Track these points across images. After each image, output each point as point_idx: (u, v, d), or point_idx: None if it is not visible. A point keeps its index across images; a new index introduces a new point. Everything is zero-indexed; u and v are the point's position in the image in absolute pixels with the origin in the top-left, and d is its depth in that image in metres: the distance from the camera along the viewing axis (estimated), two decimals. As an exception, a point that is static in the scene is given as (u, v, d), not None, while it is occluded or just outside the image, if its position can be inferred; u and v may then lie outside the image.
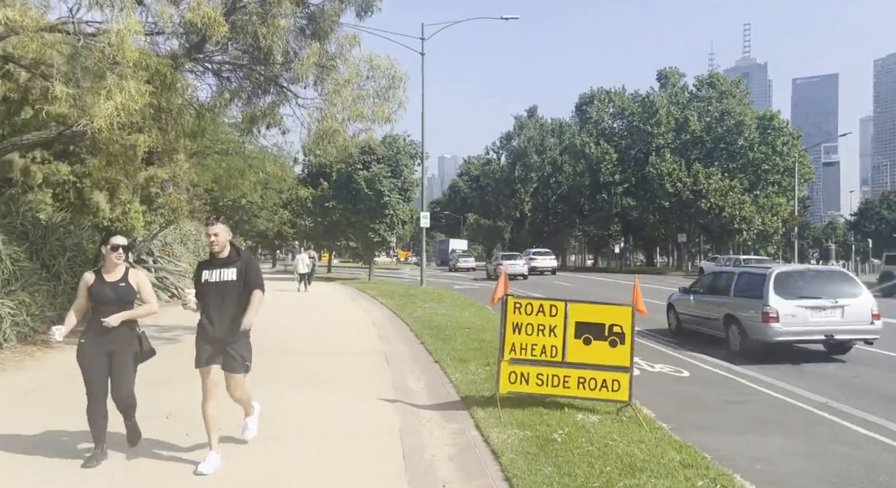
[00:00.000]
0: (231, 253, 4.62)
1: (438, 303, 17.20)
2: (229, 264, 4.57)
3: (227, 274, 4.54)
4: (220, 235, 4.56)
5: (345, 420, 5.71)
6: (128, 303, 4.72)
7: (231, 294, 4.53)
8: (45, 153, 12.89)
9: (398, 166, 29.19)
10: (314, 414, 5.85)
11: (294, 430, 5.41)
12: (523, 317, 6.03)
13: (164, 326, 11.93)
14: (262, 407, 5.98)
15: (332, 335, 11.46)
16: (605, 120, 53.85)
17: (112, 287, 4.68)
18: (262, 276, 4.75)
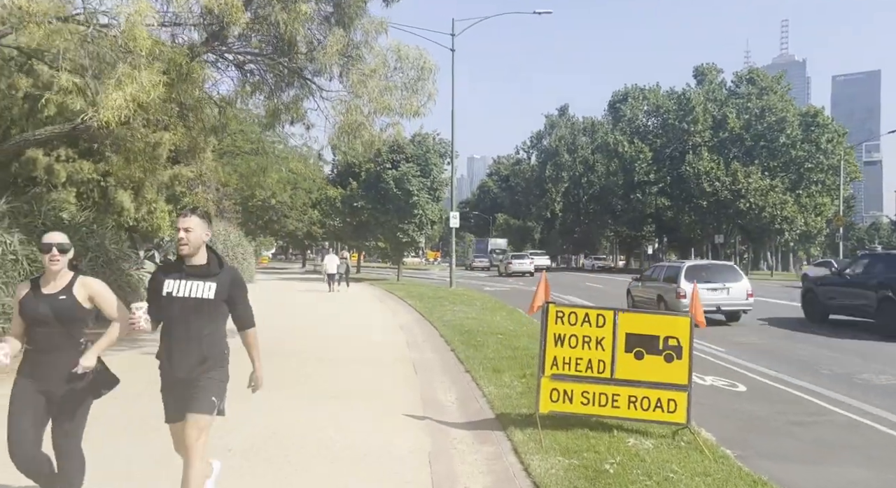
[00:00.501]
0: (210, 260, 3.40)
1: (468, 306, 16.60)
2: (207, 276, 3.34)
3: (201, 288, 3.31)
4: (193, 231, 3.29)
5: (367, 440, 5.14)
6: (71, 322, 3.46)
7: (203, 319, 3.33)
8: (69, 151, 12.69)
9: (427, 165, 28.68)
10: (333, 434, 5.30)
11: (309, 453, 4.86)
12: (567, 327, 5.39)
13: (186, 329, 11.58)
14: (274, 424, 5.46)
15: (356, 340, 10.94)
16: (639, 118, 52.46)
17: (48, 301, 3.38)
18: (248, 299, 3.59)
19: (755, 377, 8.55)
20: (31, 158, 11.83)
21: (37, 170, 11.90)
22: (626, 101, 53.13)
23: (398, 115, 9.22)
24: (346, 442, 5.10)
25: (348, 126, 8.80)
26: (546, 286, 5.56)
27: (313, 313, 15.73)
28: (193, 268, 3.37)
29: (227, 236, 26.02)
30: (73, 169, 12.35)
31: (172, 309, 3.33)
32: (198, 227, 3.35)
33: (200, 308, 3.33)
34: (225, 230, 26.37)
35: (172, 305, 3.33)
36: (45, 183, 12.43)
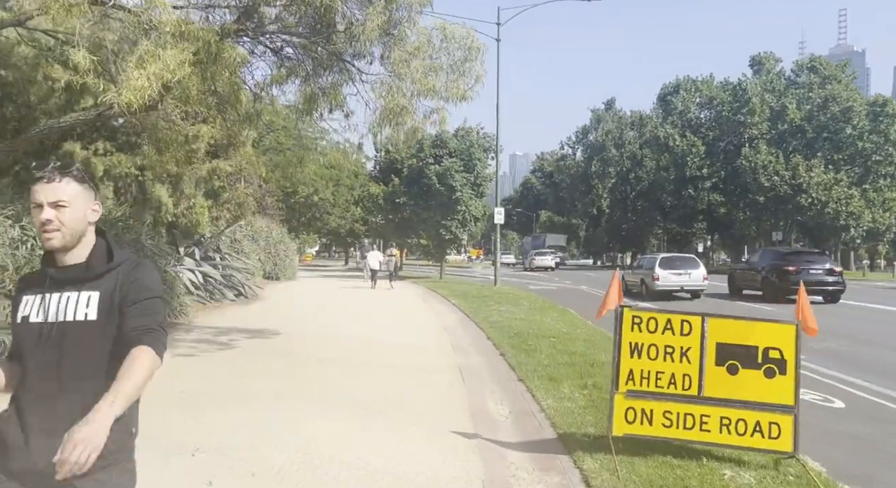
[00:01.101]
0: (95, 253, 1.96)
1: (515, 306, 15.76)
2: (84, 281, 1.90)
3: (74, 303, 1.87)
4: (69, 208, 1.88)
5: (410, 465, 4.42)
6: None
7: (82, 358, 1.85)
8: (107, 145, 12.43)
9: (471, 160, 27.89)
10: (367, 456, 4.59)
11: (341, 480, 4.16)
12: (645, 335, 4.54)
13: (222, 329, 11.12)
14: (303, 443, 4.78)
15: (397, 342, 10.27)
16: (691, 110, 50.31)
17: None
18: (162, 309, 2.01)
19: (850, 390, 7.48)
20: (68, 152, 11.59)
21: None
22: (678, 94, 51.05)
23: (443, 99, 8.48)
24: (385, 466, 4.38)
25: (390, 111, 8.11)
26: (619, 287, 4.72)
27: (354, 312, 15.17)
28: (65, 271, 1.92)
29: (269, 233, 25.84)
30: (111, 162, 12.07)
31: (27, 343, 1.88)
32: (75, 201, 1.90)
33: (76, 339, 1.85)
34: (267, 227, 26.18)
35: (27, 337, 1.88)
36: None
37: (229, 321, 12.35)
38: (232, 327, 11.36)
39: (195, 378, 7.05)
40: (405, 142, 8.68)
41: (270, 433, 5.03)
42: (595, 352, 9.01)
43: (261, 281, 22.83)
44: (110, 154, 12.27)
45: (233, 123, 9.42)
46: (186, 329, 11.04)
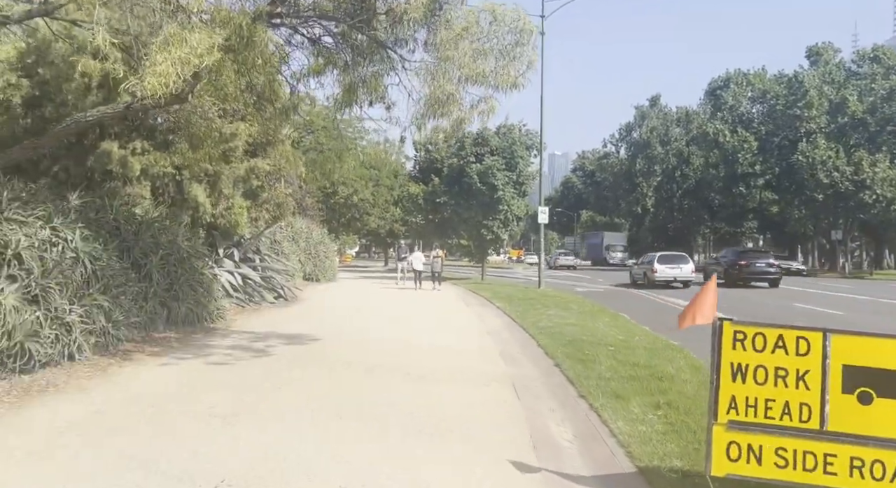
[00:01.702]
0: None
1: (564, 310, 14.94)
2: None
3: None
4: None
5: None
6: None
7: None
8: (145, 144, 12.12)
9: (513, 158, 27.08)
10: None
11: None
12: (750, 354, 3.75)
13: (259, 334, 10.65)
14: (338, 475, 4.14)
15: (440, 348, 9.60)
16: (742, 105, 48.15)
17: None
18: None
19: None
20: (105, 151, 11.32)
21: (111, 164, 11.37)
22: (728, 88, 48.94)
23: (492, 87, 7.78)
24: (439, 508, 3.71)
25: (435, 101, 7.45)
26: (715, 296, 3.93)
27: (394, 315, 14.59)
28: None
29: (309, 234, 25.56)
30: (148, 161, 11.75)
31: None
32: None
33: None
34: (307, 227, 25.92)
35: None
36: (120, 177, 11.94)
37: (267, 325, 11.91)
38: (269, 332, 10.89)
39: (227, 390, 6.53)
40: (450, 135, 8.01)
41: (304, 459, 4.42)
42: (660, 362, 8.18)
43: (300, 282, 22.52)
44: (147, 153, 11.96)
45: (270, 118, 8.91)
46: (223, 334, 10.61)
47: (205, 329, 10.96)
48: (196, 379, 7.09)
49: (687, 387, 6.78)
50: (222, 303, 12.37)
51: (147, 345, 9.08)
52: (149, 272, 10.23)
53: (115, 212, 10.41)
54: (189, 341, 9.72)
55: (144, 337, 9.69)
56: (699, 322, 3.82)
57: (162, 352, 8.73)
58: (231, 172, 13.26)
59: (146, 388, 6.63)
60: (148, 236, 10.62)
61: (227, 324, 11.72)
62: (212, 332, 10.72)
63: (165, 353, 8.62)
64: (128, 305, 9.17)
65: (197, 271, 11.35)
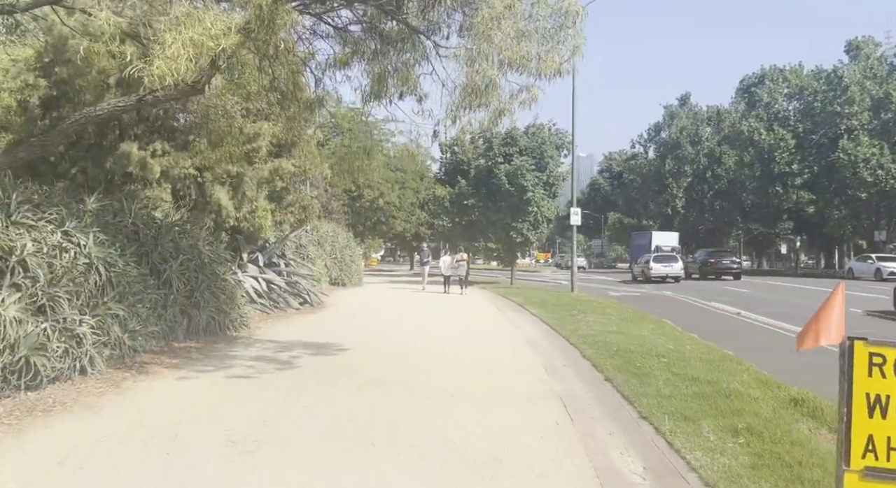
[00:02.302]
0: None
1: (603, 316, 14.14)
2: None
3: None
4: None
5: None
6: None
7: None
8: (165, 145, 11.67)
9: (543, 158, 26.29)
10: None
11: None
12: (892, 383, 2.99)
13: (284, 343, 10.08)
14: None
15: (477, 360, 8.90)
16: (778, 102, 46.47)
17: None
18: None
19: None
20: (125, 152, 10.89)
21: (131, 166, 10.94)
22: (763, 84, 47.29)
23: (534, 74, 7.09)
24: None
25: (473, 88, 6.78)
26: (841, 311, 3.17)
27: (424, 322, 13.95)
28: None
29: (335, 237, 25.10)
30: (168, 163, 11.30)
31: None
32: None
33: None
34: (333, 231, 25.47)
35: None
36: (140, 179, 11.51)
37: (292, 333, 11.35)
38: (295, 341, 10.32)
39: (247, 410, 5.92)
40: (488, 129, 7.32)
41: None
42: (722, 376, 7.39)
43: (326, 287, 22.04)
44: (168, 154, 11.51)
45: (294, 115, 8.34)
46: (246, 343, 10.06)
47: (227, 338, 10.44)
48: (215, 397, 6.51)
49: (762, 408, 5.99)
50: (246, 310, 11.85)
51: (166, 356, 8.56)
52: (168, 278, 9.73)
53: (133, 215, 9.94)
54: (210, 351, 9.18)
55: (163, 347, 9.18)
56: (824, 343, 3.07)
57: (181, 363, 8.19)
58: (254, 174, 12.77)
59: (160, 407, 6.07)
60: (168, 241, 10.13)
61: (250, 333, 11.18)
62: (234, 342, 10.18)
63: (184, 365, 8.07)
64: (145, 314, 8.66)
65: (219, 277, 10.84)
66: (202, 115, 8.61)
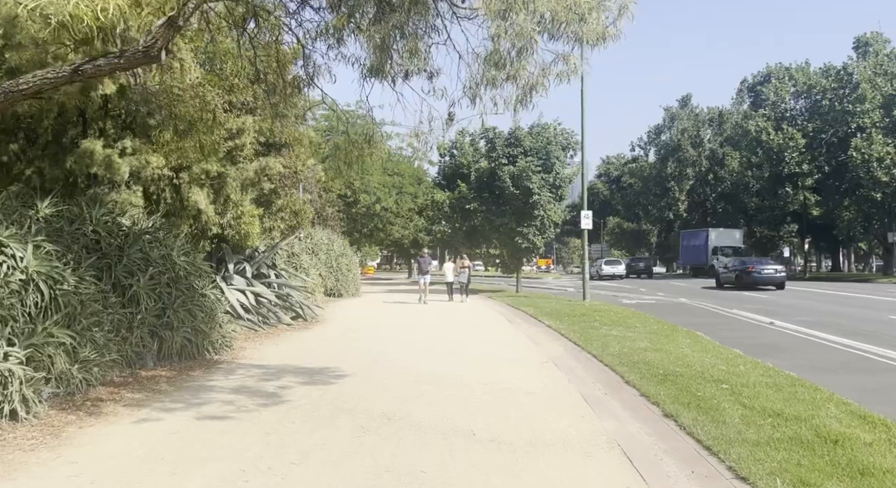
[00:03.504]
0: None
1: (628, 329, 12.76)
2: None
3: None
4: None
5: None
6: None
7: None
8: (136, 142, 10.27)
9: (549, 159, 24.97)
10: None
11: None
12: None
13: (272, 368, 8.65)
14: None
15: (501, 391, 7.49)
16: (785, 100, 45.23)
17: None
18: None
19: None
20: (87, 151, 9.48)
21: (94, 166, 9.53)
22: (770, 82, 46.10)
23: (572, 41, 5.73)
24: None
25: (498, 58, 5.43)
26: None
27: (432, 338, 12.54)
28: None
29: (330, 245, 23.70)
30: (139, 163, 9.90)
31: None
32: None
33: None
34: (328, 238, 24.08)
35: None
36: (106, 181, 10.10)
37: (283, 355, 9.93)
38: (284, 365, 8.90)
39: (218, 472, 4.51)
40: (517, 105, 5.96)
41: None
42: (807, 410, 6.01)
43: (321, 298, 20.60)
44: (139, 153, 10.11)
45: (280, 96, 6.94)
46: (227, 369, 8.63)
47: (206, 362, 9.01)
48: (180, 449, 5.09)
49: (887, 461, 4.60)
50: (229, 328, 10.41)
51: (128, 390, 7.14)
52: (135, 295, 8.31)
53: (95, 222, 8.53)
54: (183, 381, 7.75)
55: (127, 377, 7.76)
56: None
57: (144, 399, 6.76)
58: (238, 174, 11.38)
59: (105, 466, 4.65)
60: (136, 251, 8.71)
61: (234, 355, 9.75)
62: (214, 367, 8.75)
63: (148, 402, 6.64)
64: (103, 339, 7.24)
65: (196, 292, 9.41)
66: (165, 95, 7.20)
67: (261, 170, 11.34)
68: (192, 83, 9.11)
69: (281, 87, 6.99)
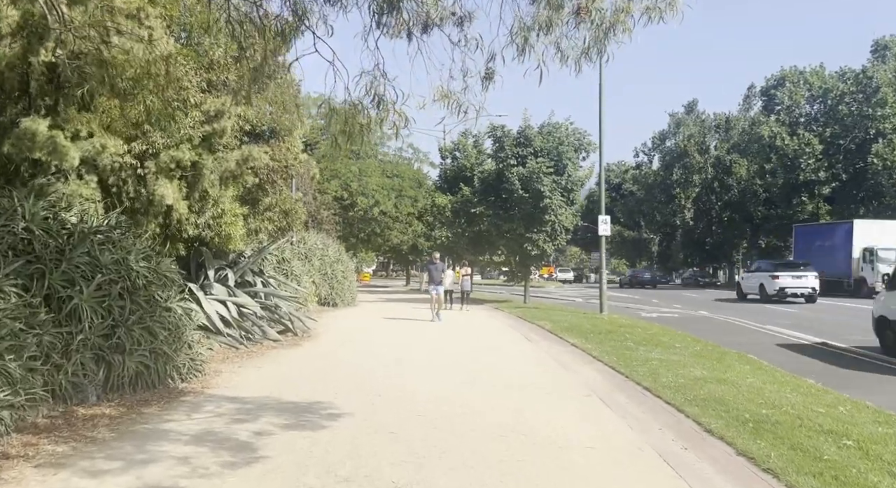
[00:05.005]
0: None
1: (668, 350, 11.06)
2: None
3: None
4: None
5: None
6: None
7: None
8: (92, 125, 8.51)
9: (560, 161, 23.31)
10: None
11: None
12: None
13: (249, 402, 6.87)
14: None
15: (544, 445, 5.73)
16: (800, 105, 43.73)
17: None
18: None
19: None
20: (27, 131, 7.71)
21: (36, 150, 7.77)
22: (784, 86, 44.64)
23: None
24: None
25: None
26: None
27: (445, 360, 10.78)
28: None
29: (324, 250, 21.94)
30: (92, 147, 8.15)
31: None
32: None
33: None
34: (323, 243, 22.33)
35: None
36: (56, 170, 8.34)
37: (265, 381, 8.16)
38: (265, 397, 7.13)
39: None
40: (579, 58, 4.21)
41: None
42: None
43: (315, 308, 18.82)
44: (94, 137, 8.35)
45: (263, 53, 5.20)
46: (192, 404, 6.86)
47: (167, 394, 7.23)
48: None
49: None
50: (202, 348, 8.64)
51: (51, 438, 5.36)
52: (75, 310, 6.54)
53: (29, 218, 6.78)
54: (131, 423, 5.98)
55: (57, 418, 5.99)
56: None
57: (69, 454, 5.00)
58: (217, 165, 9.63)
59: None
60: (81, 254, 6.95)
61: (204, 383, 7.97)
62: (176, 400, 6.98)
63: (74, 458, 4.88)
64: (22, 370, 5.47)
65: (159, 305, 7.63)
66: (98, 37, 5.44)
67: (243, 161, 9.61)
68: (162, 54, 7.42)
69: (260, 44, 5.25)
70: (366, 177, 30.34)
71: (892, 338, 11.10)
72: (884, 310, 11.42)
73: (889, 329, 11.17)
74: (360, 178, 30.37)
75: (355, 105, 4.46)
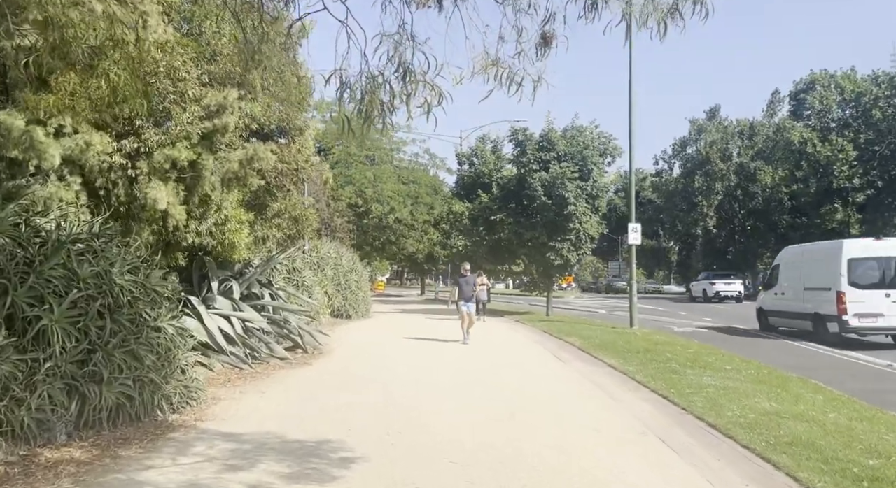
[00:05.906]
0: None
1: (718, 373, 9.88)
2: None
3: None
4: None
5: None
6: None
7: None
8: (77, 119, 7.55)
9: (585, 166, 22.17)
10: None
11: None
12: None
13: (248, 442, 5.80)
14: None
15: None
16: (832, 110, 42.11)
17: None
18: None
19: None
20: (1, 125, 6.79)
21: (11, 147, 6.83)
22: (814, 90, 43.04)
23: None
24: None
25: None
26: None
27: (476, 391, 9.67)
28: None
29: (338, 259, 20.96)
30: (74, 145, 7.20)
31: None
32: None
33: None
34: (336, 252, 21.35)
35: None
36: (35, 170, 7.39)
37: (267, 413, 7.12)
38: (266, 435, 6.08)
39: None
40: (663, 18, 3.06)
41: None
42: None
43: (327, 321, 17.82)
44: (80, 133, 7.40)
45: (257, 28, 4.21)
46: (180, 444, 5.82)
47: (152, 430, 6.20)
48: None
49: None
50: (195, 373, 7.62)
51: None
52: (43, 332, 5.54)
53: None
54: (101, 473, 4.95)
55: (14, 465, 4.98)
56: None
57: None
58: (218, 166, 8.65)
59: None
60: (55, 267, 5.96)
61: (198, 414, 6.95)
62: (162, 438, 5.95)
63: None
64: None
65: (146, 325, 6.63)
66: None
67: (247, 161, 8.61)
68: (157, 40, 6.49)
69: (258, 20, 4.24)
70: (381, 184, 29.39)
71: (764, 321, 18.10)
72: (760, 303, 18.63)
73: (763, 315, 18.23)
74: (375, 184, 29.40)
75: (374, 77, 3.42)
